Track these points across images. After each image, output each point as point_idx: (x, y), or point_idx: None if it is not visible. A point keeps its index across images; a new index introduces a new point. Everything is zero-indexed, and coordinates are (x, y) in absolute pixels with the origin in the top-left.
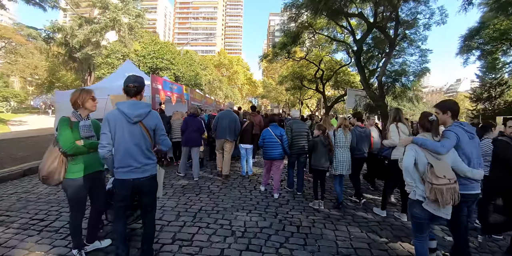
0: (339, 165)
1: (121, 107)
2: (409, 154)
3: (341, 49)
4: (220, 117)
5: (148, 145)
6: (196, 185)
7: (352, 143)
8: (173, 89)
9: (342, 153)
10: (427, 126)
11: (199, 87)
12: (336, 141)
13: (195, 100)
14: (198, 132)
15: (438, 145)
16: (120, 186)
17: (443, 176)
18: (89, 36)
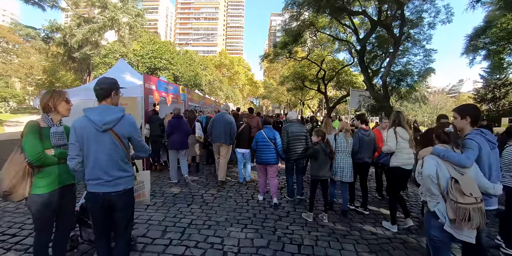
0: (339, 170)
1: (88, 114)
2: (431, 162)
3: (343, 49)
4: (215, 120)
5: (122, 156)
6: (188, 193)
7: (354, 147)
8: (168, 89)
9: (342, 158)
10: (444, 138)
11: (199, 87)
12: (337, 145)
13: (193, 101)
14: (184, 135)
15: (463, 157)
16: (91, 199)
17: (469, 194)
18: (87, 36)
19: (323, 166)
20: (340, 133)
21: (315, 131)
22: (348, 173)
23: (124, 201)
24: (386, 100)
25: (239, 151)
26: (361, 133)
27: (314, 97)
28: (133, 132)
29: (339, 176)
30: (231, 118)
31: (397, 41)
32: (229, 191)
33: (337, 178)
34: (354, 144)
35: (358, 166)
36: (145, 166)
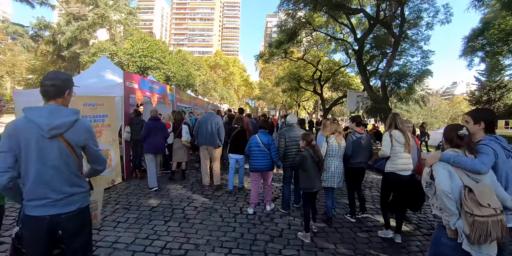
0: (330, 176)
1: (30, 115)
2: (442, 173)
3: (339, 50)
4: (200, 121)
5: (74, 168)
6: (168, 206)
7: (347, 151)
8: (153, 88)
9: (333, 162)
10: (457, 143)
11: (192, 87)
12: (329, 149)
13: (183, 101)
14: (161, 137)
15: (477, 162)
16: (31, 226)
17: (487, 204)
18: (76, 34)
19: (313, 176)
20: (331, 136)
21: (303, 135)
22: (338, 178)
23: (79, 223)
24: (385, 102)
25: (232, 156)
26: (355, 136)
27: (310, 99)
28: (89, 140)
29: (330, 182)
30: (218, 119)
31: (397, 40)
32: (215, 203)
33: (327, 184)
34: (346, 148)
35: (352, 171)
36: (125, 173)
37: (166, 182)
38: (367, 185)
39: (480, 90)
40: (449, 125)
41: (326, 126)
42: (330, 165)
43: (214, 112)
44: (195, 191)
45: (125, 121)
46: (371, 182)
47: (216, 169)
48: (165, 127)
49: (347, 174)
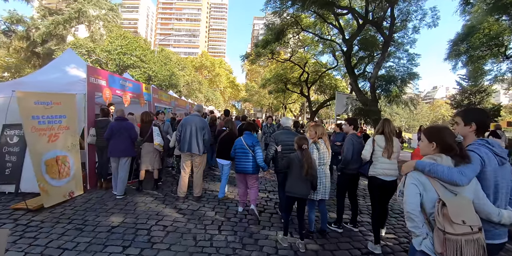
0: (321, 187)
1: None
2: (411, 189)
3: (327, 52)
4: (183, 123)
5: None
6: (132, 226)
7: (347, 155)
8: (126, 86)
9: (324, 171)
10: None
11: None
12: (320, 156)
13: (162, 101)
14: (128, 139)
15: (455, 173)
16: None
17: (461, 221)
18: (50, 29)
19: (298, 181)
20: (320, 141)
21: (296, 139)
22: (329, 188)
23: None
24: (375, 104)
25: (219, 161)
26: (354, 140)
27: (297, 101)
28: None
29: (322, 194)
30: (203, 122)
31: (387, 41)
32: (189, 220)
33: (318, 197)
34: (346, 153)
35: (349, 177)
36: (89, 183)
37: (135, 193)
38: (360, 194)
39: (461, 94)
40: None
41: (312, 129)
42: (321, 175)
43: (199, 114)
44: (167, 204)
45: (89, 122)
46: (364, 190)
47: (198, 178)
48: (132, 128)
49: (343, 181)
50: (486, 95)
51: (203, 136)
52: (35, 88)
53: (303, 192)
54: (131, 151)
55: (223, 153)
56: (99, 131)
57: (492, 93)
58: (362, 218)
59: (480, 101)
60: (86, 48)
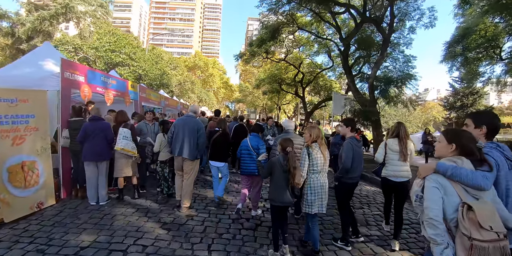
0: (317, 199)
1: None
2: (432, 193)
3: (322, 52)
4: (176, 125)
5: None
6: (104, 247)
7: (346, 163)
8: (108, 83)
9: (319, 180)
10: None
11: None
12: (313, 162)
13: (150, 101)
14: (103, 141)
15: (479, 177)
16: None
17: (489, 227)
18: (35, 24)
19: (280, 187)
20: (313, 145)
21: (281, 141)
22: (326, 200)
23: None
24: (374, 105)
25: (213, 164)
26: (353, 143)
27: (291, 102)
28: None
29: (317, 207)
30: (199, 123)
31: (386, 39)
32: (174, 237)
33: (313, 210)
34: (346, 159)
35: (349, 187)
36: (63, 192)
37: (114, 203)
38: (363, 201)
39: (454, 96)
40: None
41: (307, 131)
42: (316, 185)
43: (194, 115)
44: (150, 217)
45: (63, 123)
46: (367, 196)
47: (187, 186)
48: (108, 128)
49: (342, 191)
50: (478, 97)
51: (197, 139)
52: (4, 83)
53: (285, 200)
54: (109, 154)
55: (217, 155)
56: (72, 133)
57: (484, 95)
58: (371, 230)
59: (473, 103)
60: (72, 45)
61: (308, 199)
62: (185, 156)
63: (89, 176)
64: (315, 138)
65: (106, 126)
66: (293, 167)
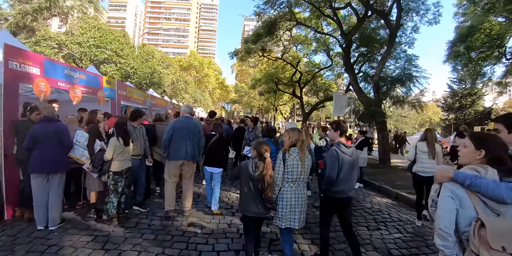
0: (289, 212)
1: None
2: (447, 204)
3: (320, 50)
4: (175, 127)
5: None
6: None
7: (330, 174)
8: (74, 78)
9: (294, 191)
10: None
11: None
12: (288, 170)
13: (133, 100)
14: (57, 147)
15: (503, 188)
16: None
17: (501, 247)
18: (17, 19)
19: (249, 195)
20: (292, 149)
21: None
22: (300, 214)
23: None
24: (379, 105)
25: (208, 169)
26: (340, 150)
27: (288, 102)
28: None
29: (288, 221)
30: (199, 125)
31: (393, 33)
32: None
33: (283, 224)
34: (329, 169)
35: (334, 202)
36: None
37: (68, 229)
38: (378, 218)
39: (452, 97)
40: (493, 135)
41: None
42: (288, 195)
43: (191, 116)
44: (108, 251)
45: (6, 125)
46: (380, 211)
47: (189, 189)
48: (63, 131)
49: (324, 206)
50: (477, 98)
51: (198, 140)
52: None
53: (254, 210)
54: (64, 164)
55: (214, 160)
56: (19, 136)
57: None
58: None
59: (472, 104)
60: (56, 41)
61: (279, 211)
62: (189, 159)
63: (37, 193)
64: (294, 141)
65: (61, 128)
66: (266, 177)
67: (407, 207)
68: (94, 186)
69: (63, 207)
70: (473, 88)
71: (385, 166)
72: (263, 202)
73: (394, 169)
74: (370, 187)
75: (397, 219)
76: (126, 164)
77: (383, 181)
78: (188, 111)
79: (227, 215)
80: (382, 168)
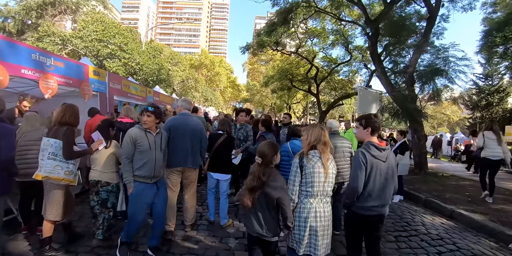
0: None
1: None
2: None
3: (337, 44)
4: (172, 127)
5: None
6: None
7: (354, 184)
8: (46, 65)
9: (316, 208)
10: None
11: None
12: (307, 179)
13: (129, 95)
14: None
15: None
16: None
17: None
18: (21, 16)
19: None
20: (312, 153)
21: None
22: (325, 239)
23: None
24: (415, 101)
25: (213, 176)
26: (372, 153)
27: (301, 101)
28: None
29: (307, 247)
30: (200, 123)
31: (433, 16)
32: None
33: (300, 250)
34: (353, 177)
35: (361, 221)
36: None
37: None
38: (443, 252)
39: (478, 94)
40: None
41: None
42: (307, 215)
43: (189, 113)
44: None
45: None
46: (439, 237)
47: (191, 199)
48: (9, 135)
49: (349, 225)
50: (505, 95)
51: (200, 141)
52: None
53: (253, 228)
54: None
55: (220, 165)
56: None
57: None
58: None
59: (500, 101)
60: (59, 36)
61: (295, 233)
62: (189, 166)
63: None
64: (314, 142)
65: (8, 130)
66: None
67: (471, 231)
68: (52, 213)
69: (20, 233)
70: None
71: (422, 172)
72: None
73: (433, 176)
74: (413, 200)
75: (468, 252)
76: None
77: (427, 192)
78: (186, 107)
79: None
80: (419, 175)
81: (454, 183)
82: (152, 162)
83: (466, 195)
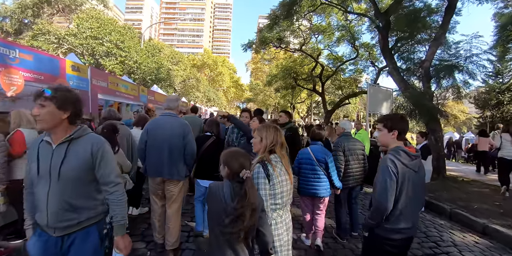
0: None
1: None
2: None
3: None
4: (150, 130)
5: None
6: None
7: (380, 200)
8: (10, 58)
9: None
10: None
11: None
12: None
13: (118, 94)
14: None
15: None
16: None
17: None
18: (17, 14)
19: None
20: (273, 158)
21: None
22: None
23: None
24: (431, 99)
25: (200, 183)
26: (400, 160)
27: (307, 100)
28: None
29: None
30: (184, 125)
31: (452, 5)
32: None
33: None
34: (381, 192)
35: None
36: None
37: None
38: None
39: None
40: None
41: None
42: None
43: (173, 113)
44: None
45: None
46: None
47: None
48: None
49: (374, 251)
50: None
51: (184, 149)
52: None
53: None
54: None
55: (207, 171)
56: None
57: None
58: None
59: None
60: (54, 34)
61: None
62: (166, 177)
63: None
64: (271, 145)
65: None
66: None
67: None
68: None
69: None
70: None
71: (440, 177)
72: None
73: (453, 181)
74: (435, 211)
75: None
76: None
77: (451, 202)
78: (168, 106)
79: None
80: (437, 180)
81: (477, 189)
82: (43, 198)
83: (496, 205)
